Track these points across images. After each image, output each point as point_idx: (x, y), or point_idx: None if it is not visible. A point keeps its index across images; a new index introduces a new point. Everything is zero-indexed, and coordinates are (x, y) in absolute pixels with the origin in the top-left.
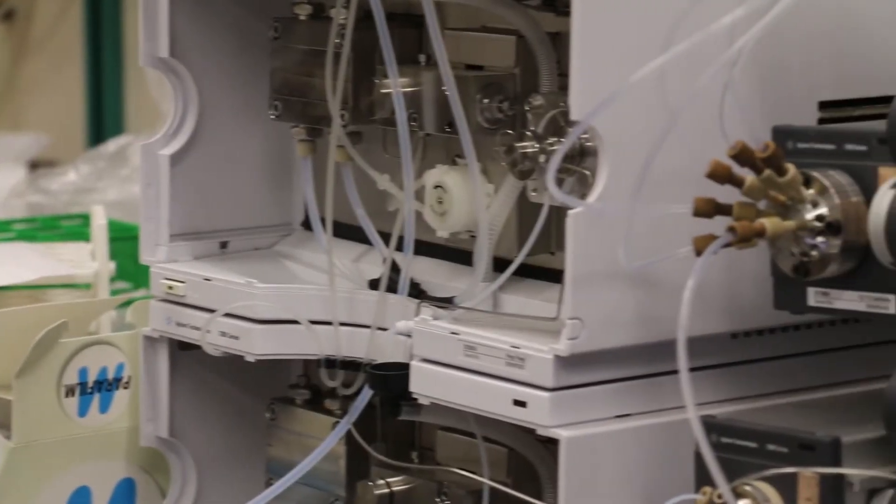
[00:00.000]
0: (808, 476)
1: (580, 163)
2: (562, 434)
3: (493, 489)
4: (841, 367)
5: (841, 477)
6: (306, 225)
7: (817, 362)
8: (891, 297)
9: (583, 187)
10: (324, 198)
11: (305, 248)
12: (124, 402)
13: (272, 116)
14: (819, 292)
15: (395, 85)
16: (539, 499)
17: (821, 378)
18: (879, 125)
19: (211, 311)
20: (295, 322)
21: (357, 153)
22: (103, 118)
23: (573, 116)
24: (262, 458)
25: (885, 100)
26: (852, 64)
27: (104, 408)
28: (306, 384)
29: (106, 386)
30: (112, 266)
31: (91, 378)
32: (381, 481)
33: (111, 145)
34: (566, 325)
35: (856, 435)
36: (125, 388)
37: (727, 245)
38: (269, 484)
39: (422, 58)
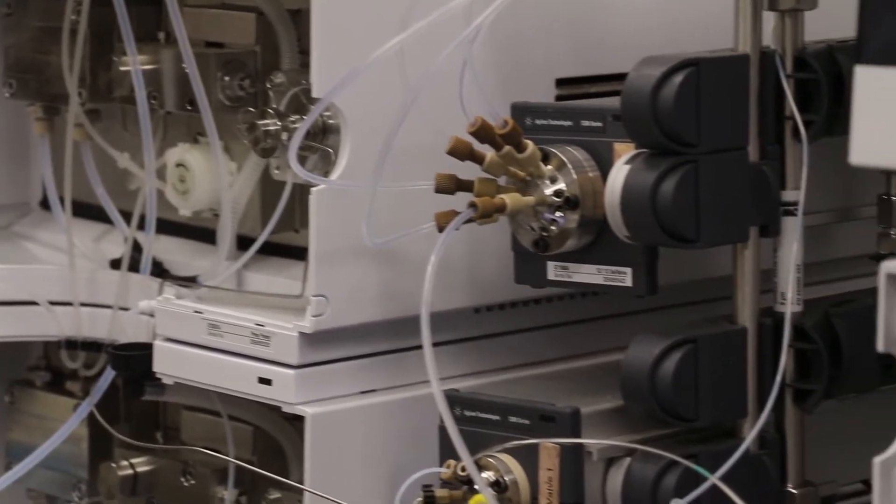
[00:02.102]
0: (549, 447)
1: (323, 140)
2: (307, 411)
3: (238, 467)
4: (581, 339)
5: (580, 447)
6: (44, 204)
7: (558, 335)
8: (627, 269)
9: (326, 165)
10: (62, 177)
11: (44, 228)
12: None
13: (6, 95)
14: (558, 266)
15: (133, 62)
16: (285, 476)
17: (561, 350)
18: (615, 102)
19: None
20: (34, 303)
21: (96, 132)
22: None
23: (315, 94)
24: (1, 443)
25: (620, 77)
26: (588, 42)
27: None
28: (46, 366)
29: None
30: None
31: None
32: (125, 462)
33: None
34: (311, 303)
35: (595, 405)
36: None
37: (468, 221)
38: (8, 468)
39: (161, 35)
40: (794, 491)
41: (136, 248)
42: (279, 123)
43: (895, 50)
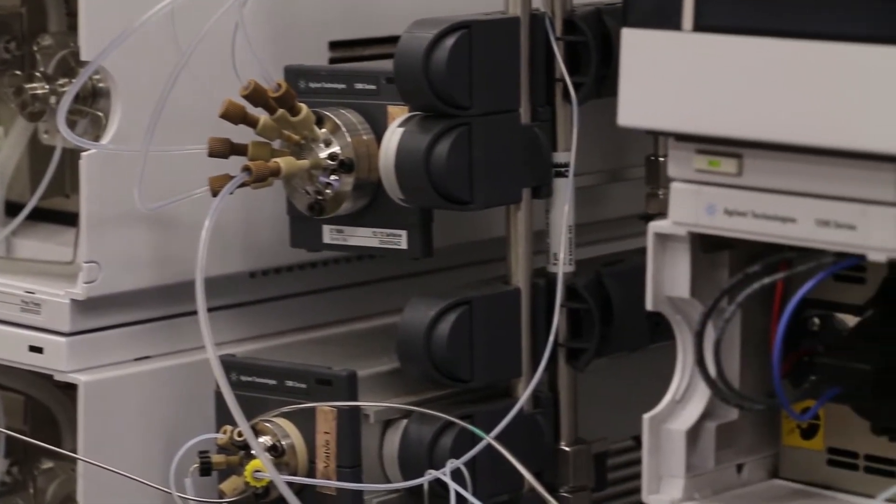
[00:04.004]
0: (326, 410)
1: (93, 104)
2: (80, 379)
3: (10, 437)
4: (357, 302)
5: (357, 410)
6: None
7: (334, 298)
8: (402, 232)
9: (96, 129)
10: None
11: None
12: None
13: None
14: (334, 230)
15: None
16: (59, 445)
17: (338, 314)
18: (388, 64)
19: None
20: None
21: None
22: None
23: (83, 57)
24: None
25: (393, 40)
26: (361, 4)
27: None
28: None
29: None
30: None
31: None
32: None
33: None
34: (82, 269)
35: (371, 368)
36: None
37: (243, 185)
38: None
39: None
40: (567, 448)
41: None
42: (47, 87)
43: (661, 12)
